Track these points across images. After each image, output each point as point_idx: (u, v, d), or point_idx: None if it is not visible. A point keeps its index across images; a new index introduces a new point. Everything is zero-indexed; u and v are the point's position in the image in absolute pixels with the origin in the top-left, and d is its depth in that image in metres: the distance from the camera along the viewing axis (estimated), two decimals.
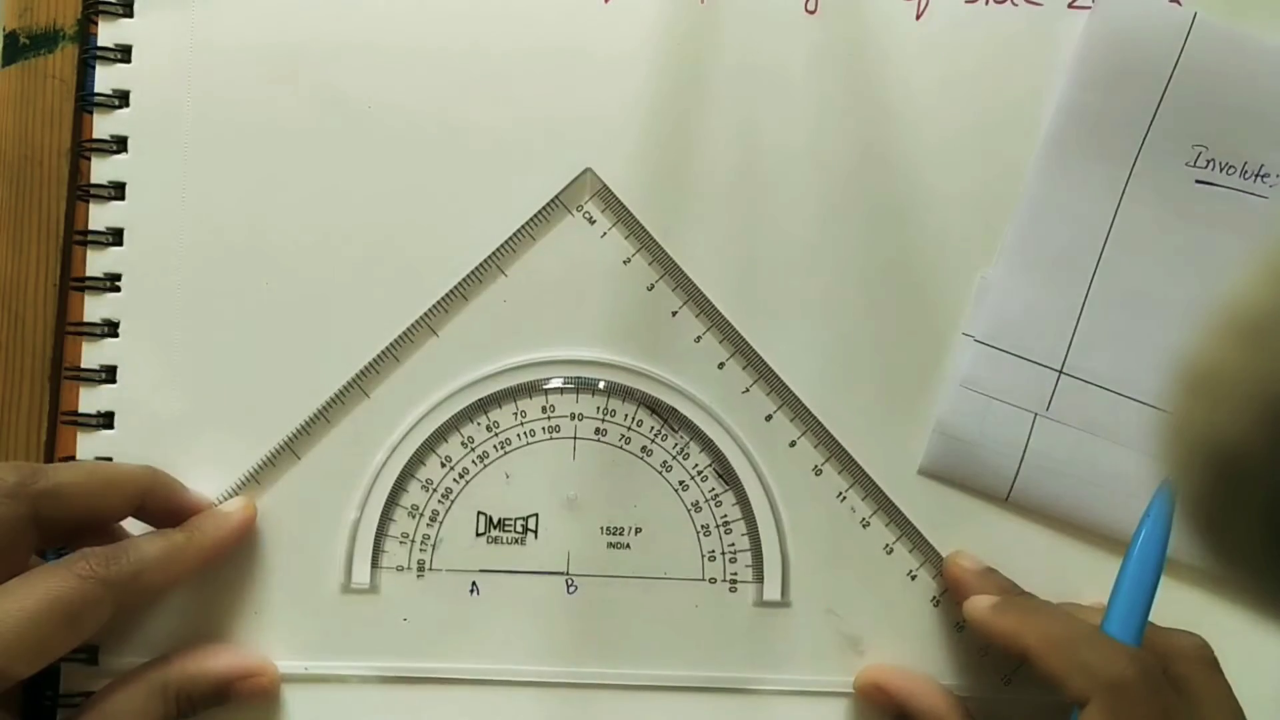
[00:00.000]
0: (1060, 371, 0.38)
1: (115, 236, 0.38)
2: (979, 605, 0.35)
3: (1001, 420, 0.38)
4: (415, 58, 0.38)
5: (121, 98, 0.38)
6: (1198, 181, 0.37)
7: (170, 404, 0.38)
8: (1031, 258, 0.38)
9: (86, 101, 0.38)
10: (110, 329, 0.38)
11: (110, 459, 0.37)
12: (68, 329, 0.38)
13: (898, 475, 0.38)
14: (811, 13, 0.38)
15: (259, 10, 0.38)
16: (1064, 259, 0.38)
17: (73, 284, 0.38)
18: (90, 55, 0.38)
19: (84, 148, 0.38)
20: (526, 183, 0.38)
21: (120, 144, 0.38)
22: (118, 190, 0.38)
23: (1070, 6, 0.38)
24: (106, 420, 0.38)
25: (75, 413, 0.37)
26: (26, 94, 0.38)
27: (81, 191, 0.38)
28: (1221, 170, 0.37)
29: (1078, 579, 0.37)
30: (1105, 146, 0.38)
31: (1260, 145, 0.37)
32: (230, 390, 0.38)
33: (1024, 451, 0.38)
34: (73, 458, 0.37)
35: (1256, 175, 0.37)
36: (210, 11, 0.38)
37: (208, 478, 0.37)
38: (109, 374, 0.38)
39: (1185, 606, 0.36)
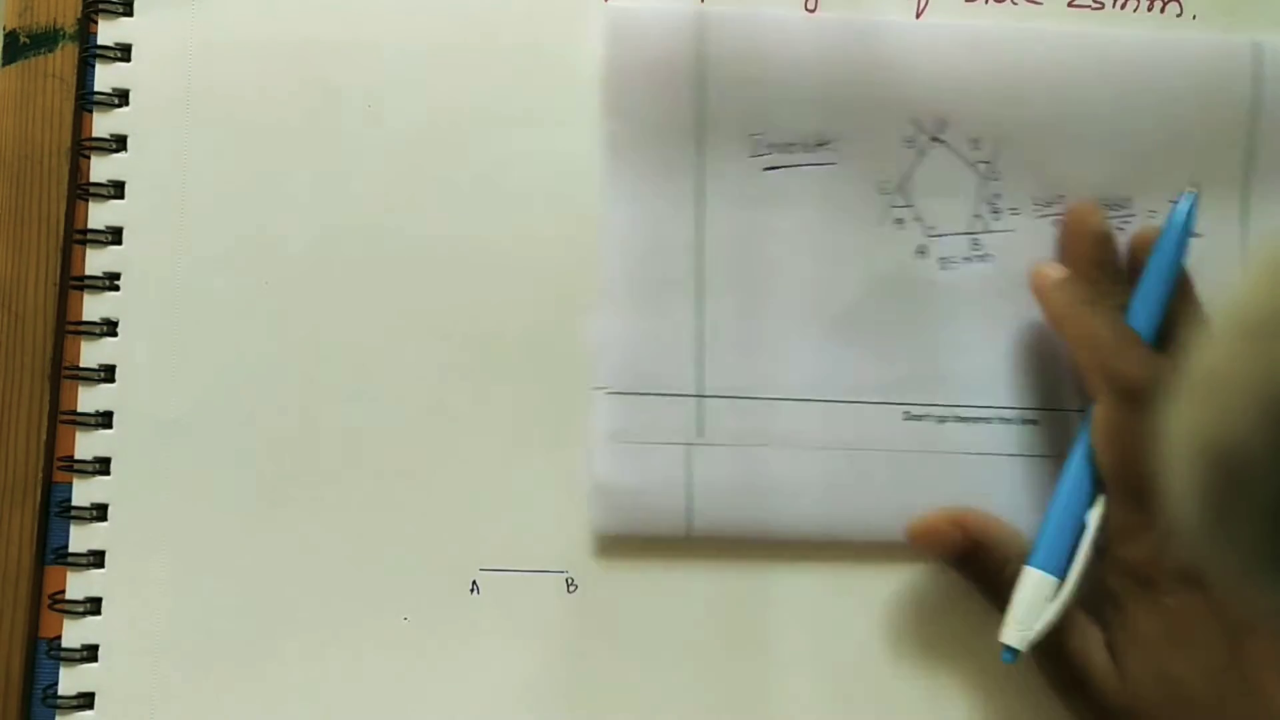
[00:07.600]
0: (699, 396, 0.36)
1: (115, 235, 0.38)
2: (1046, 275, 0.36)
3: (658, 461, 0.36)
4: (415, 57, 0.38)
5: (121, 97, 0.38)
6: (766, 169, 0.37)
7: (170, 404, 0.37)
8: (632, 292, 0.37)
9: (86, 100, 0.38)
10: (109, 328, 0.38)
11: (109, 459, 0.37)
12: (67, 328, 0.38)
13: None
14: (811, 12, 0.38)
15: (258, 9, 0.38)
16: (664, 283, 0.37)
17: (72, 283, 0.38)
18: (90, 54, 0.38)
19: (84, 147, 0.38)
20: (527, 180, 0.38)
21: (120, 143, 0.38)
22: (117, 189, 0.38)
23: (1070, 6, 0.38)
24: (105, 420, 0.37)
25: (75, 412, 0.37)
26: (26, 93, 0.38)
27: (81, 190, 0.38)
28: (783, 151, 0.37)
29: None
30: (665, 162, 0.37)
31: (806, 116, 0.37)
32: (230, 390, 0.38)
33: (688, 484, 0.36)
34: (72, 457, 0.37)
35: (817, 145, 0.37)
36: (210, 11, 0.38)
37: (206, 478, 0.37)
38: (108, 373, 0.38)
39: None
